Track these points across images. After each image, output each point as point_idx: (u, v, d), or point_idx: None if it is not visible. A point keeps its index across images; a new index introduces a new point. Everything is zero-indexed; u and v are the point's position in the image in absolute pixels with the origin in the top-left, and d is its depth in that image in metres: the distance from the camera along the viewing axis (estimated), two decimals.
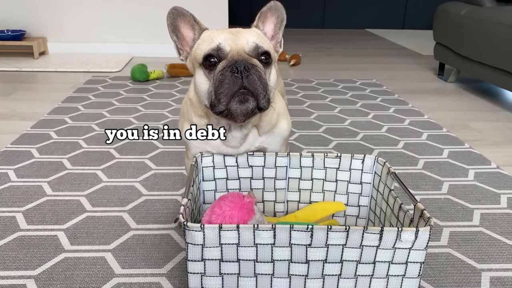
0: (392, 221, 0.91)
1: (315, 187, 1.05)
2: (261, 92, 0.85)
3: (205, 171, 1.02)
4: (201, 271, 0.75)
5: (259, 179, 1.04)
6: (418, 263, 0.75)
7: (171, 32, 0.94)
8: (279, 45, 1.00)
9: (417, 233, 0.71)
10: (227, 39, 0.88)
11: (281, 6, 0.95)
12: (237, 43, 0.87)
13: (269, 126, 1.00)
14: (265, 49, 0.89)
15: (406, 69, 3.11)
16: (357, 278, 0.76)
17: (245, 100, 0.84)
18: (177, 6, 0.92)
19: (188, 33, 0.94)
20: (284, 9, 0.96)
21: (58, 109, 1.99)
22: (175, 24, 0.93)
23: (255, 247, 0.73)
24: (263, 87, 0.85)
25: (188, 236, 0.72)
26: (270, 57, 0.90)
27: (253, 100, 0.85)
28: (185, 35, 0.95)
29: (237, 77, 0.83)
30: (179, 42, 0.95)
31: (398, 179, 0.89)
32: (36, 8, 3.14)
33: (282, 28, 0.98)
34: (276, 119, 1.01)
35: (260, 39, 0.91)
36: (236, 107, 0.85)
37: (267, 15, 0.96)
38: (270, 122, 1.00)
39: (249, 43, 0.88)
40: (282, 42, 1.00)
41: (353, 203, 1.05)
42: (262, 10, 0.95)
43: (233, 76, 0.83)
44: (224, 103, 0.84)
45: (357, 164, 1.02)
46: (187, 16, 0.93)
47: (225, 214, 0.82)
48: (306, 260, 0.74)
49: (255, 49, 0.88)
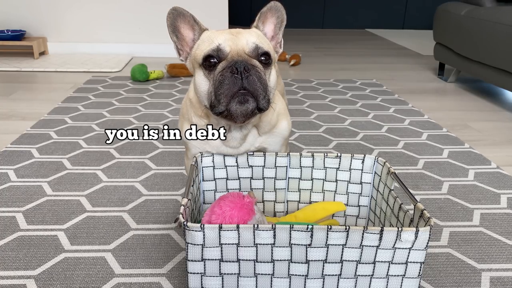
0: (392, 221, 0.90)
1: (315, 187, 1.05)
2: (261, 92, 0.85)
3: (205, 171, 1.02)
4: (201, 271, 0.75)
5: (259, 179, 1.04)
6: (418, 263, 0.75)
7: (171, 32, 0.94)
8: (279, 46, 1.00)
9: (417, 233, 0.71)
10: (227, 39, 0.87)
11: (281, 6, 0.95)
12: (237, 44, 0.87)
13: (269, 127, 1.00)
14: (265, 49, 0.89)
15: (406, 69, 3.11)
16: (357, 278, 0.76)
17: (245, 101, 0.84)
18: (177, 7, 0.92)
19: (188, 34, 0.94)
20: (284, 9, 0.96)
21: (58, 109, 1.99)
22: (175, 24, 0.93)
23: (255, 247, 0.73)
24: (263, 88, 0.85)
25: (188, 236, 0.72)
26: (270, 58, 0.90)
27: (253, 101, 0.85)
28: (185, 36, 0.94)
29: (237, 78, 0.83)
30: (179, 42, 0.95)
31: (398, 179, 0.89)
32: (36, 8, 3.14)
33: (282, 29, 0.98)
34: (276, 119, 1.01)
35: (260, 40, 0.91)
36: (236, 108, 0.85)
37: (267, 16, 0.95)
38: (270, 122, 1.00)
39: (249, 43, 0.88)
40: (282, 42, 1.00)
41: (353, 203, 1.05)
42: (262, 10, 0.95)
43: (233, 76, 0.83)
44: (224, 103, 0.84)
45: (357, 164, 1.02)
46: (187, 16, 0.92)
47: (225, 214, 0.82)
48: (306, 260, 0.74)
49: (255, 50, 0.88)
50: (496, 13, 2.19)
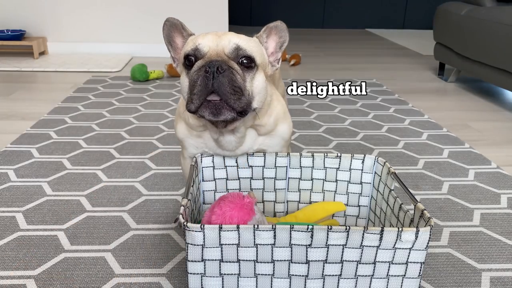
0: (392, 221, 0.90)
1: (315, 187, 1.05)
2: (230, 96, 0.81)
3: (205, 171, 1.02)
4: (201, 271, 0.75)
5: (259, 179, 1.04)
6: (418, 263, 0.75)
7: (167, 43, 0.96)
8: (277, 62, 0.99)
9: (417, 233, 0.71)
10: (209, 40, 0.87)
11: (285, 28, 0.95)
12: (218, 44, 0.86)
13: (265, 130, 0.99)
14: (248, 53, 0.86)
15: (406, 69, 3.11)
16: (358, 279, 0.76)
17: (217, 112, 0.82)
18: (170, 18, 0.94)
19: (180, 41, 0.96)
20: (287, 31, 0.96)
21: (58, 109, 1.99)
22: (170, 35, 0.95)
23: (255, 247, 0.73)
24: (234, 91, 0.82)
25: (188, 237, 0.72)
26: (253, 62, 0.87)
27: (226, 107, 0.82)
28: (177, 43, 0.97)
29: (208, 78, 0.80)
30: (173, 51, 0.97)
31: (398, 179, 0.89)
32: (36, 8, 3.14)
33: (283, 49, 0.98)
34: (274, 124, 0.99)
35: (248, 43, 0.88)
36: (209, 117, 0.84)
37: (271, 32, 0.96)
38: (266, 126, 0.98)
39: (230, 44, 0.86)
40: (280, 61, 1.00)
41: (353, 203, 1.05)
42: (269, 25, 0.95)
43: (205, 76, 0.81)
44: (196, 103, 0.82)
45: (357, 164, 1.02)
46: (177, 25, 0.94)
47: (225, 214, 0.82)
48: (306, 260, 0.74)
49: (235, 51, 0.85)
50: (496, 13, 2.19)
